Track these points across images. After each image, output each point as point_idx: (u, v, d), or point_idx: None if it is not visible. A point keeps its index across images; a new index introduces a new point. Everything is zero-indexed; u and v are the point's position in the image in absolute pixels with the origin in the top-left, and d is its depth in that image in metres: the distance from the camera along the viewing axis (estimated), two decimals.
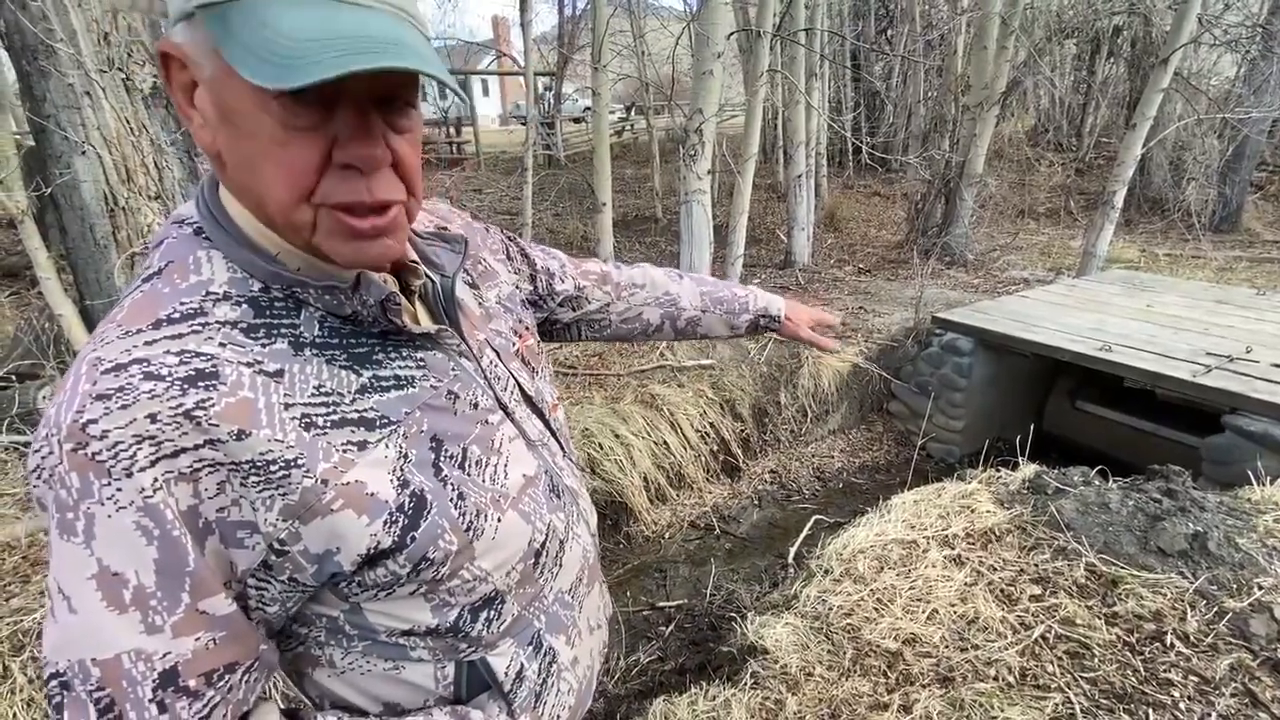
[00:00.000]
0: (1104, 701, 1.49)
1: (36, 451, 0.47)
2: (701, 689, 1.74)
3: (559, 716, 0.70)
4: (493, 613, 0.64)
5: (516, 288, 0.83)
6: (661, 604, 2.95)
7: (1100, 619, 1.70)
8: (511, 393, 0.69)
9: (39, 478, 0.47)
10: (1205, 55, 9.11)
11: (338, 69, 0.42)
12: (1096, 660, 1.59)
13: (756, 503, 3.88)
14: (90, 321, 2.98)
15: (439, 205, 0.80)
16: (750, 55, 5.02)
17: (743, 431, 4.08)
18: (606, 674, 2.33)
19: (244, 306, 0.52)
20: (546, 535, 0.68)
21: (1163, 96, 5.39)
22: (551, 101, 13.85)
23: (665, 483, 3.69)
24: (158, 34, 3.17)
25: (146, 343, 0.48)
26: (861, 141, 7.47)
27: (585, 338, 1.02)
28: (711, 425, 3.92)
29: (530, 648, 0.68)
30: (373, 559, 0.54)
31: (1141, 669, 1.55)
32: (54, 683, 0.47)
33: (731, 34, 4.88)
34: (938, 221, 6.93)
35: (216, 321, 0.51)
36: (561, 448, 0.76)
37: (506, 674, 0.65)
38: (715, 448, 3.95)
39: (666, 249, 7.08)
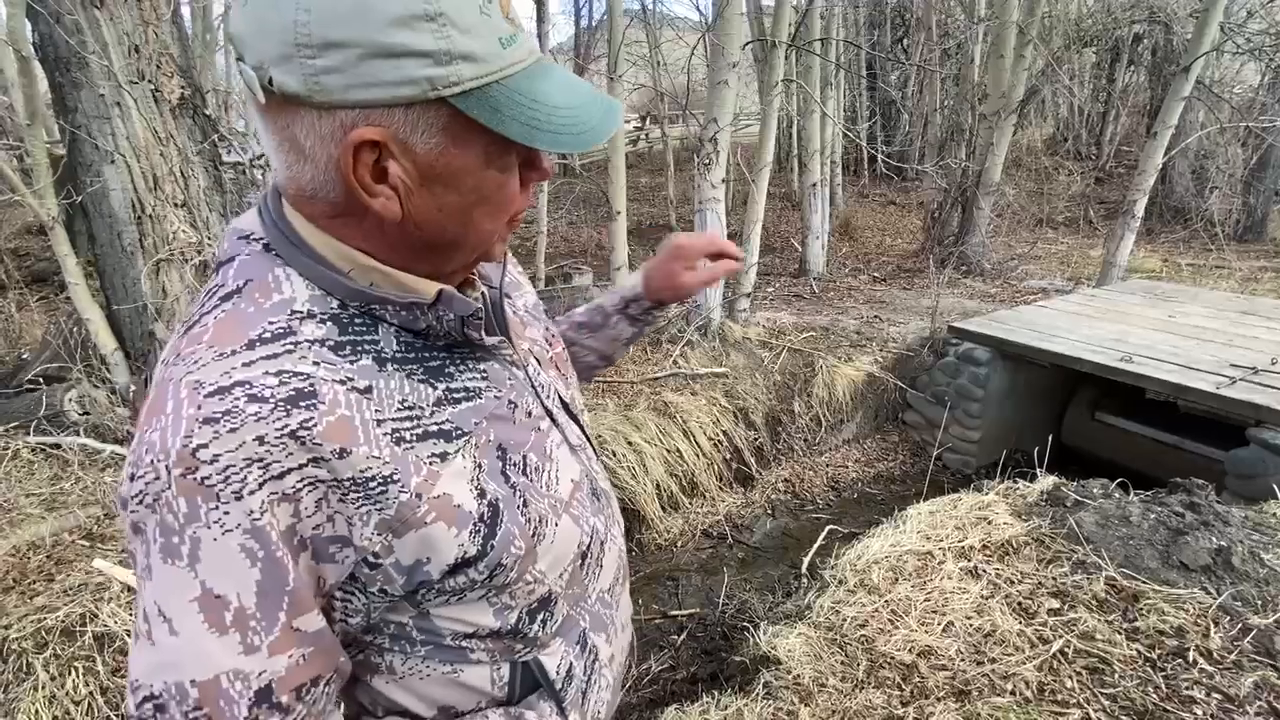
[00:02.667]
0: (1124, 718, 1.46)
1: (140, 477, 0.47)
2: (713, 698, 1.73)
3: (599, 712, 0.72)
4: (547, 614, 0.65)
5: (537, 296, 0.86)
6: (674, 612, 2.94)
7: (1121, 634, 1.67)
8: (553, 400, 0.71)
9: (140, 503, 0.47)
10: (1228, 63, 9.00)
11: (609, 127, 0.52)
12: (1117, 676, 1.56)
13: (770, 512, 3.86)
14: (117, 326, 3.05)
15: None
16: (765, 65, 5.03)
17: (756, 440, 4.07)
18: None
19: (328, 324, 0.53)
20: (591, 537, 0.70)
21: (1184, 105, 5.33)
22: None
23: (678, 490, 3.69)
24: (185, 48, 3.25)
25: (245, 364, 0.49)
26: (877, 150, 7.45)
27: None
28: (724, 433, 3.92)
29: (578, 646, 0.70)
30: (457, 568, 0.56)
31: (1163, 686, 1.52)
32: (148, 705, 0.47)
33: (747, 44, 4.90)
34: (954, 230, 6.88)
35: (306, 340, 0.52)
36: (595, 452, 0.78)
37: (558, 673, 0.67)
38: (728, 456, 3.94)
39: None
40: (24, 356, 3.60)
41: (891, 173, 9.71)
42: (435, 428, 0.56)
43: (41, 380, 3.06)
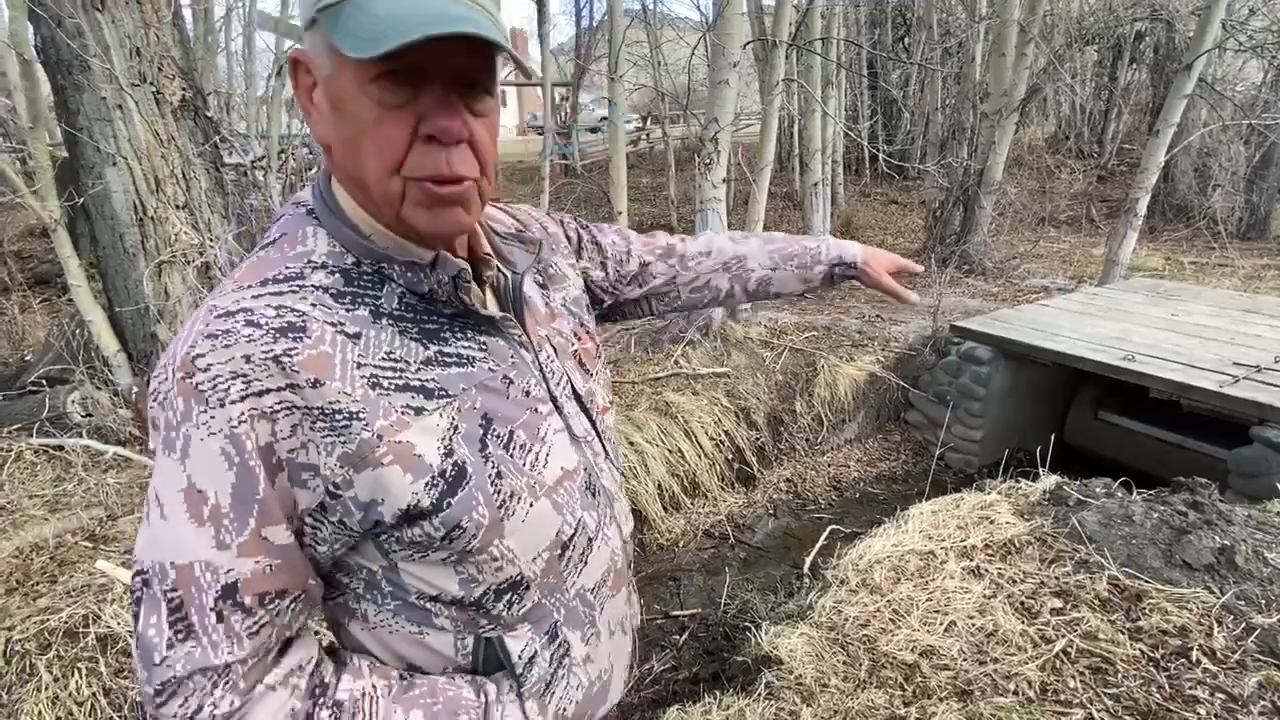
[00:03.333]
0: (1127, 718, 1.46)
1: (157, 376, 0.55)
2: (715, 699, 1.73)
3: (565, 710, 0.73)
4: (515, 596, 0.67)
5: (587, 283, 0.89)
6: (675, 612, 2.94)
7: (1124, 634, 1.66)
8: (564, 389, 0.73)
9: (154, 400, 0.55)
10: (1230, 61, 8.97)
11: (415, 34, 0.49)
12: (1120, 676, 1.56)
13: (771, 512, 3.86)
14: (119, 327, 3.05)
15: (521, 207, 0.86)
16: (766, 64, 5.03)
17: (758, 440, 4.07)
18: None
19: (337, 275, 0.60)
20: (576, 530, 0.70)
21: (1187, 102, 5.31)
22: (568, 111, 13.97)
23: (679, 491, 3.68)
24: (187, 51, 3.26)
25: (254, 296, 0.56)
26: (878, 149, 7.44)
27: (655, 312, 1.04)
28: (726, 433, 3.91)
29: (546, 637, 0.71)
30: (411, 517, 0.59)
31: (1166, 686, 1.52)
32: (138, 579, 0.54)
33: (747, 44, 4.90)
34: (956, 229, 6.87)
35: (312, 285, 0.58)
36: (605, 450, 0.79)
37: (520, 657, 0.69)
38: (730, 456, 3.93)
39: None
40: (27, 358, 3.61)
41: (893, 172, 9.69)
42: (417, 383, 0.60)
43: (44, 382, 3.07)
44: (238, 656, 0.54)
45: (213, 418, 0.52)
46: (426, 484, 0.58)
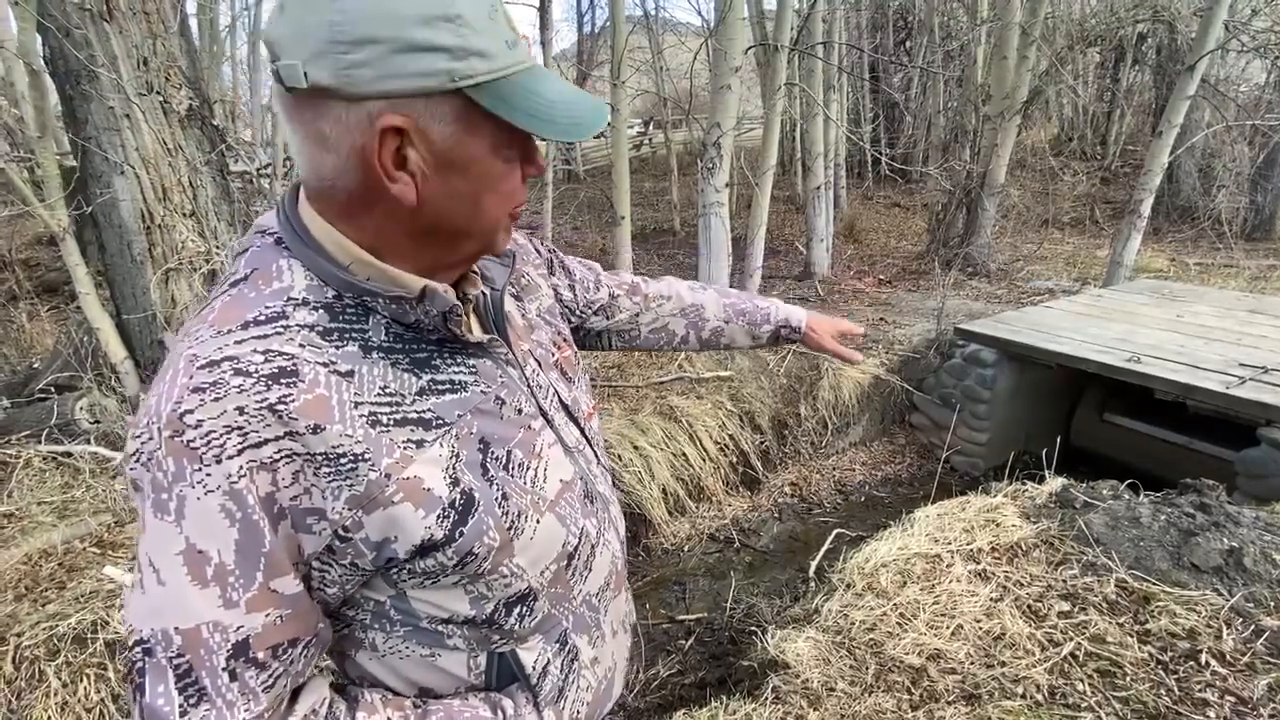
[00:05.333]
0: None
1: (137, 437, 0.52)
2: (722, 703, 1.73)
3: (578, 712, 0.74)
4: (525, 609, 0.67)
5: (556, 300, 0.89)
6: (681, 617, 2.94)
7: (1132, 636, 1.66)
8: (551, 401, 0.73)
9: (137, 460, 0.52)
10: (1233, 61, 8.95)
11: (593, 128, 0.57)
12: (1128, 679, 1.55)
13: (776, 515, 3.85)
14: (127, 335, 3.07)
15: None
16: (768, 69, 5.05)
17: (762, 444, 4.06)
18: (626, 687, 2.32)
19: (320, 311, 0.58)
20: (579, 539, 0.71)
21: (1190, 103, 5.30)
22: None
23: (684, 495, 3.68)
24: (193, 60, 3.29)
25: (237, 342, 0.54)
26: (880, 153, 7.44)
27: (614, 347, 1.06)
28: (730, 437, 3.91)
29: (556, 644, 0.71)
30: (425, 550, 0.58)
31: (1175, 688, 1.51)
32: (138, 649, 0.52)
33: (749, 48, 4.92)
34: (959, 232, 6.86)
35: (297, 325, 0.56)
36: (595, 455, 0.79)
37: (534, 668, 0.69)
38: (734, 460, 3.93)
39: (685, 261, 7.10)
40: (35, 366, 3.63)
41: (895, 175, 9.69)
42: (415, 415, 0.59)
43: (53, 389, 3.08)
44: (255, 713, 0.53)
45: (209, 475, 0.50)
46: (438, 517, 0.58)
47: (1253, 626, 1.63)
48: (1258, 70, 9.28)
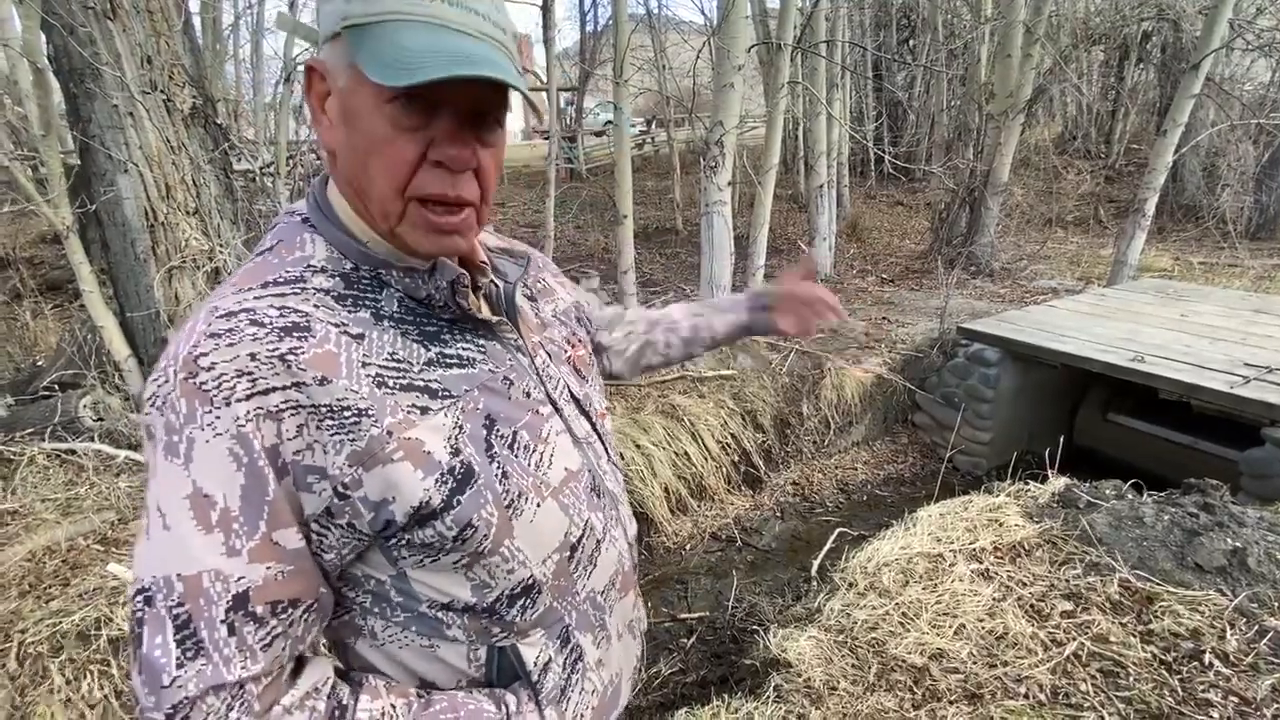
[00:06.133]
0: None
1: (154, 380, 0.53)
2: (724, 702, 1.73)
3: (582, 715, 0.72)
4: (528, 600, 0.67)
5: (572, 304, 0.89)
6: (683, 615, 2.94)
7: (1135, 636, 1.65)
8: (561, 392, 0.73)
9: (152, 404, 0.53)
10: (1238, 60, 8.91)
11: (442, 73, 0.51)
12: (1131, 679, 1.55)
13: (779, 515, 3.85)
14: (130, 333, 3.08)
15: (516, 242, 0.87)
16: (771, 67, 5.03)
17: (764, 443, 4.06)
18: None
19: (337, 279, 0.60)
20: (584, 531, 0.71)
21: (1194, 102, 5.28)
22: (573, 116, 14.02)
23: (686, 494, 3.68)
24: (196, 59, 3.29)
25: (255, 297, 0.56)
26: (884, 151, 7.43)
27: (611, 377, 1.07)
28: (733, 436, 3.91)
29: (558, 641, 0.70)
30: (422, 517, 0.58)
31: (1179, 689, 1.50)
32: (139, 598, 0.51)
33: (752, 47, 4.91)
34: (962, 231, 6.84)
35: (313, 288, 0.59)
36: (606, 451, 0.80)
37: (535, 664, 0.68)
38: (736, 459, 3.93)
39: (687, 260, 7.10)
40: (39, 364, 3.64)
41: (898, 174, 9.67)
42: (421, 383, 0.60)
43: (56, 387, 3.09)
44: (251, 672, 0.52)
45: (218, 417, 0.51)
46: (436, 480, 0.58)
47: (1256, 627, 1.62)
48: (1263, 69, 9.24)
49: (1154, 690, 1.51)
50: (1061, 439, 3.08)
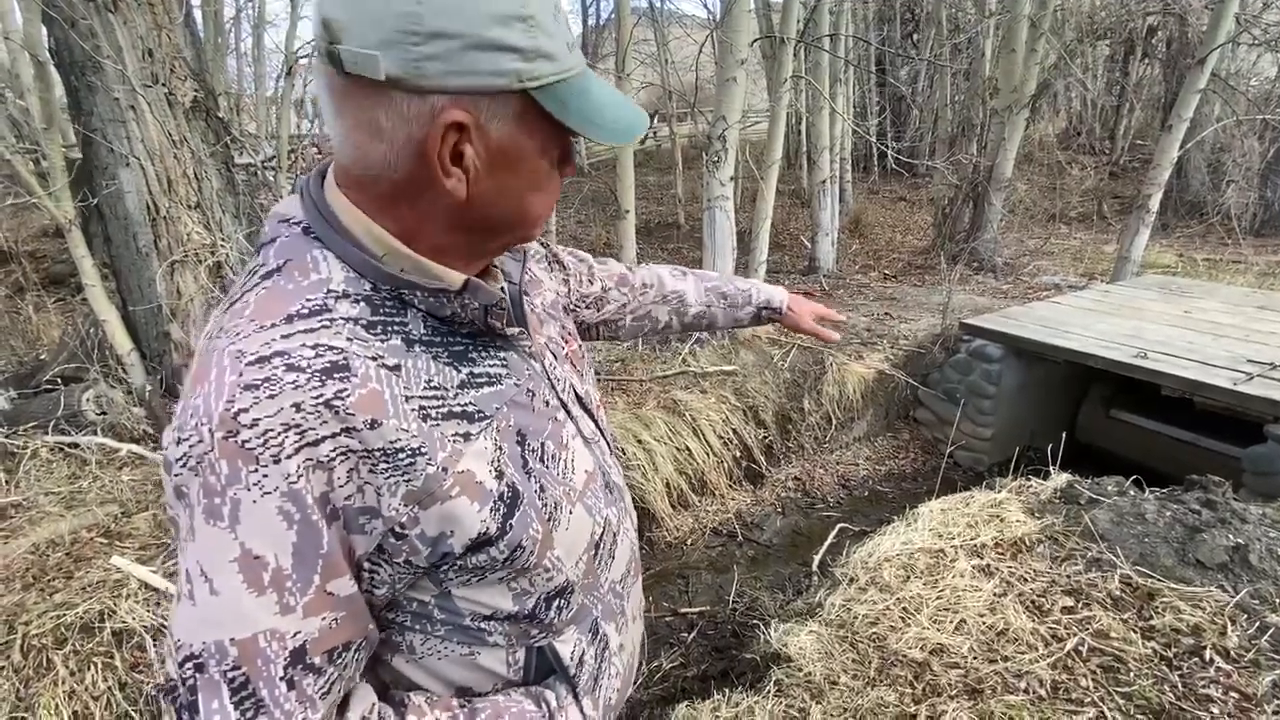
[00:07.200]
0: (1140, 717, 1.45)
1: (185, 440, 0.49)
2: (724, 696, 1.74)
3: (610, 699, 0.75)
4: (563, 601, 0.68)
5: (556, 294, 0.89)
6: (684, 610, 2.94)
7: (1136, 632, 1.65)
8: (568, 393, 0.74)
9: (184, 465, 0.49)
10: (1244, 55, 8.85)
11: (641, 130, 0.59)
12: (1132, 675, 1.55)
13: (780, 510, 3.85)
14: (132, 327, 3.08)
15: None
16: (774, 62, 5.01)
17: (766, 438, 4.06)
18: None
19: (361, 304, 0.56)
20: (604, 528, 0.72)
21: (1200, 98, 5.25)
22: None
23: (687, 488, 3.68)
24: (198, 52, 3.28)
25: (283, 336, 0.52)
26: (887, 146, 7.40)
27: (600, 337, 1.07)
28: (734, 431, 3.91)
29: (590, 634, 0.72)
30: (479, 544, 0.58)
31: (1179, 685, 1.51)
32: (188, 665, 0.49)
33: (755, 41, 4.89)
34: (965, 226, 6.82)
35: (341, 318, 0.55)
36: (608, 446, 0.80)
37: (572, 658, 0.69)
38: (738, 454, 3.93)
39: (689, 255, 7.09)
40: (42, 357, 3.65)
41: (902, 169, 9.64)
42: (459, 408, 0.58)
43: (59, 381, 3.10)
44: None
45: (266, 476, 0.48)
46: (491, 510, 0.58)
47: (1257, 623, 1.62)
48: (1269, 64, 9.18)
49: (1154, 686, 1.51)
50: (1064, 435, 3.07)
